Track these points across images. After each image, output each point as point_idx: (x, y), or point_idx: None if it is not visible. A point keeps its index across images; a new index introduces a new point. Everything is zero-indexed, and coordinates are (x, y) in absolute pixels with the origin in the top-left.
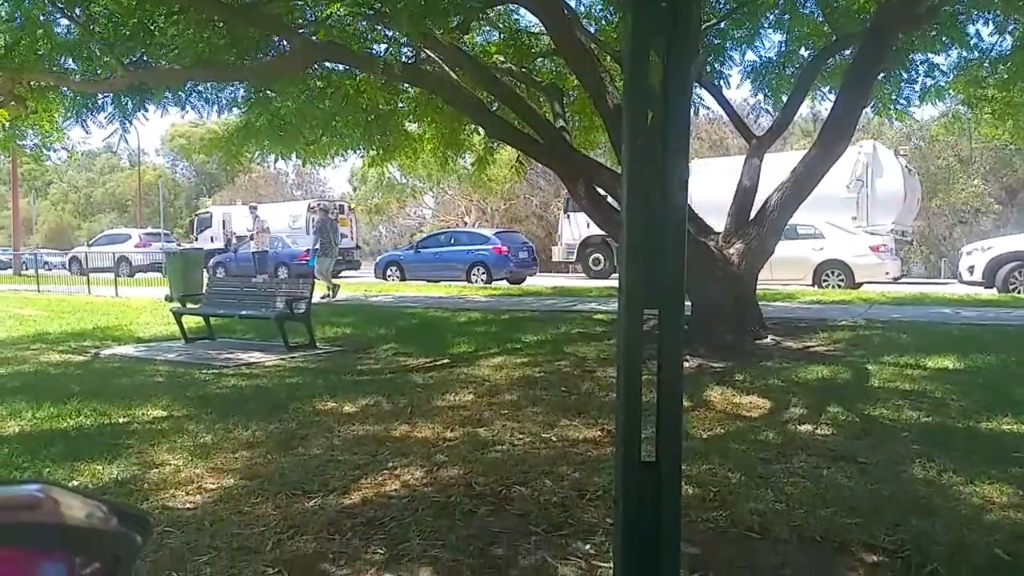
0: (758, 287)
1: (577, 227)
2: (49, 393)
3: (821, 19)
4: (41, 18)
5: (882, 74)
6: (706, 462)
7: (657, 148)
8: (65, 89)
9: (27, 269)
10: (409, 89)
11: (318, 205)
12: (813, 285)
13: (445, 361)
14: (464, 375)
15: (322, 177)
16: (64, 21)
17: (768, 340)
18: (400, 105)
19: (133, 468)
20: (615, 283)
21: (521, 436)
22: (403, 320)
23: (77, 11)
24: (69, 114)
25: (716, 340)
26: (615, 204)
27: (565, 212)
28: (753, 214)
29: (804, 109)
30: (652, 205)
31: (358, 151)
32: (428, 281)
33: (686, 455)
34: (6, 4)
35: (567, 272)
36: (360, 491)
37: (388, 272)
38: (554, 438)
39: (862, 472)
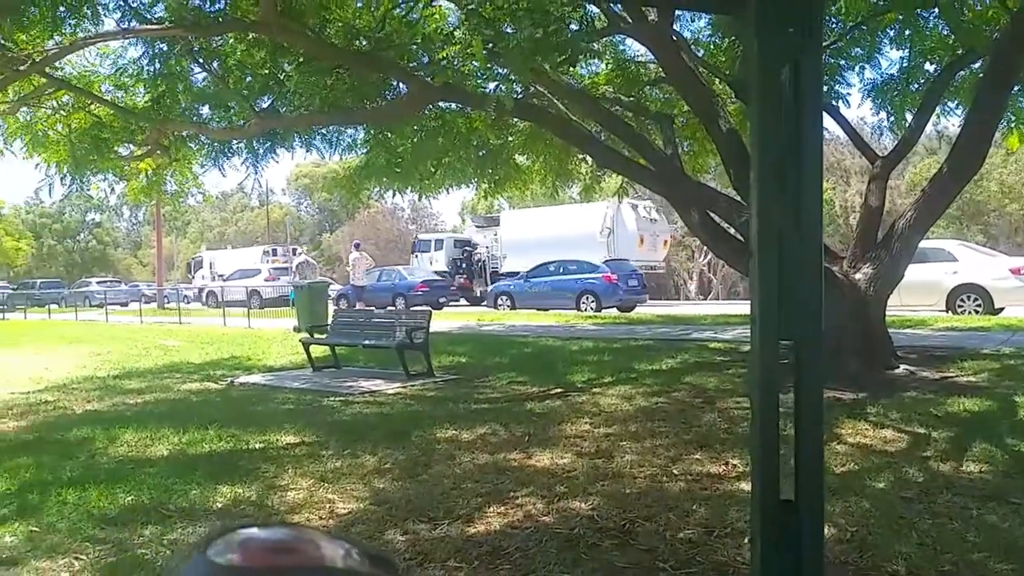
0: (887, 314)
1: (425, 265)
2: (191, 419)
3: (946, 32)
4: (181, 72)
5: (1016, 87)
6: (841, 500)
7: (787, 175)
8: (203, 137)
9: (169, 303)
10: (519, 123)
11: (291, 250)
12: (946, 311)
13: (560, 390)
14: (580, 405)
15: (435, 211)
16: (201, 75)
17: (901, 370)
18: (510, 139)
19: (269, 491)
20: (730, 310)
21: (643, 469)
22: (516, 349)
23: (214, 64)
24: (207, 160)
25: (844, 370)
26: (729, 230)
27: (413, 252)
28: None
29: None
30: (784, 232)
31: (470, 184)
32: (538, 310)
33: None
34: (153, 61)
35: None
36: (484, 520)
37: (499, 301)
38: (677, 472)
39: (1015, 513)
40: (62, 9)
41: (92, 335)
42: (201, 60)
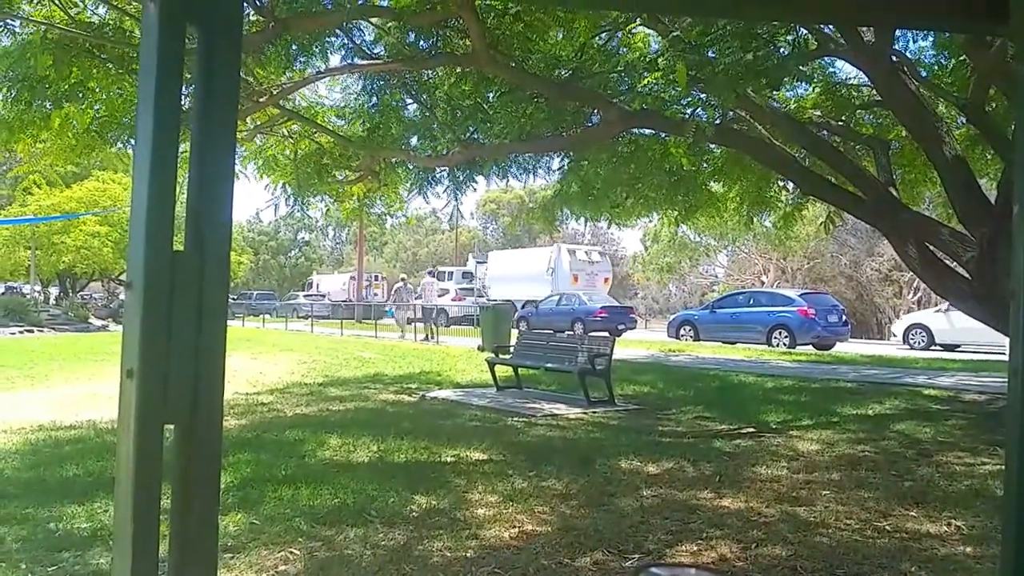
0: None
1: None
2: (388, 428)
3: None
4: (394, 104)
5: None
6: None
7: None
8: (410, 164)
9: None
10: (715, 149)
11: (373, 277)
12: None
13: (751, 430)
14: (775, 447)
15: (615, 236)
16: (412, 106)
17: None
18: (704, 165)
19: (462, 505)
20: (944, 353)
21: (849, 522)
22: (702, 382)
23: (424, 96)
24: (413, 186)
25: None
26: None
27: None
28: None
29: None
30: None
31: (660, 212)
32: (724, 343)
33: None
34: (370, 94)
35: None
36: (675, 558)
37: (681, 331)
38: (889, 528)
39: None
40: (295, 47)
41: (300, 344)
42: (413, 92)
